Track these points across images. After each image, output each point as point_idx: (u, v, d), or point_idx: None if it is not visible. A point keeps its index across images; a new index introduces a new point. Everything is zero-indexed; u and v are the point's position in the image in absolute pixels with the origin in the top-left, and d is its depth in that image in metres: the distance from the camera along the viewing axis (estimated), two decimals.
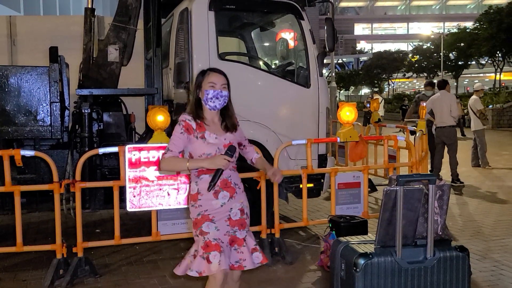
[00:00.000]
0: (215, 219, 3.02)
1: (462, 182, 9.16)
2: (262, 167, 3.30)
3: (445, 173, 9.40)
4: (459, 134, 11.67)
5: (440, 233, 3.14)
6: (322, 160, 6.12)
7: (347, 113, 5.64)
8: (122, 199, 4.81)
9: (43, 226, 6.49)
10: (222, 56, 5.73)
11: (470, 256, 3.11)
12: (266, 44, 7.39)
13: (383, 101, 21.65)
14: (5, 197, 5.09)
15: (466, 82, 58.20)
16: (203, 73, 3.15)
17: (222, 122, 3.14)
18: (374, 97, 20.52)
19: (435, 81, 10.87)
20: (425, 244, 2.99)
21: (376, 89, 46.88)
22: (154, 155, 4.74)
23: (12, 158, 4.58)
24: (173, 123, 5.67)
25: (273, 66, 6.77)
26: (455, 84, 44.38)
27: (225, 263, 2.96)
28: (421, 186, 2.99)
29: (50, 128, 5.28)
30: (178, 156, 3.02)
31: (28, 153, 4.73)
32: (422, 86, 10.86)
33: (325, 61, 6.45)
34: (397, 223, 2.90)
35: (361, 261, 2.88)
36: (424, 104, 8.04)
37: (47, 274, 4.54)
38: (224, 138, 3.08)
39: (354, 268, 2.89)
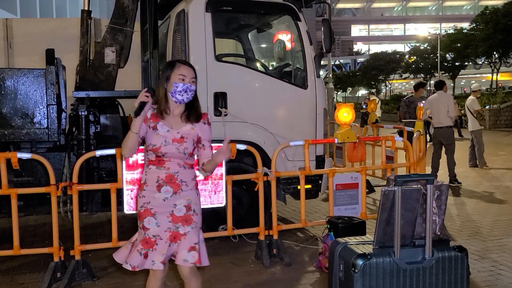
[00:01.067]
0: (157, 214, 3.02)
1: (460, 183, 9.17)
2: (214, 161, 3.11)
3: (443, 173, 9.41)
4: (456, 135, 11.69)
5: (439, 233, 3.14)
6: (320, 161, 6.11)
7: (345, 114, 5.64)
8: (120, 202, 4.79)
9: (41, 229, 6.46)
10: (219, 58, 5.73)
11: (468, 256, 3.11)
12: (263, 45, 7.39)
13: (379, 102, 21.67)
14: (2, 200, 5.07)
15: (463, 83, 58.32)
16: (171, 64, 3.09)
17: (183, 113, 3.06)
18: (371, 98, 20.56)
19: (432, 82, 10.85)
20: (424, 245, 2.98)
21: (373, 90, 46.98)
22: None
23: (8, 161, 4.56)
24: None
25: (270, 68, 6.77)
26: (452, 84, 44.44)
27: (159, 263, 2.97)
28: (419, 186, 2.98)
29: (47, 131, 5.26)
30: None
31: (25, 155, 4.71)
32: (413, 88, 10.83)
33: (322, 62, 6.45)
34: (395, 224, 2.89)
35: (360, 262, 2.87)
36: (422, 104, 8.05)
37: (45, 277, 4.52)
38: (178, 131, 3.02)
39: (353, 269, 2.88)
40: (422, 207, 3.02)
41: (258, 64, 6.71)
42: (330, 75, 19.05)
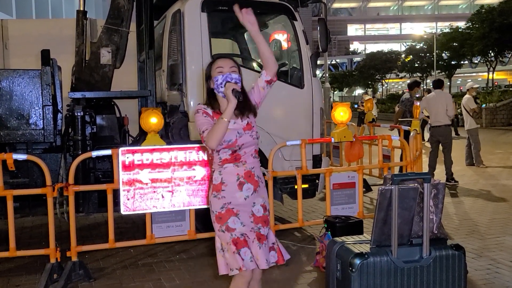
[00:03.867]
0: (240, 213, 2.93)
1: (457, 181, 9.18)
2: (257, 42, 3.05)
3: (440, 172, 9.42)
4: (453, 134, 11.71)
5: (436, 232, 3.13)
6: (316, 161, 6.11)
7: (341, 113, 5.64)
8: (116, 202, 4.78)
9: (37, 230, 6.44)
10: (215, 58, 5.70)
11: (466, 254, 3.11)
12: None
13: (376, 101, 21.71)
14: None
15: (459, 82, 58.44)
16: (210, 63, 3.08)
17: (236, 109, 2.89)
18: (366, 98, 20.61)
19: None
20: (421, 243, 2.97)
21: (370, 89, 47.00)
22: (148, 157, 4.71)
23: (4, 162, 4.54)
24: (166, 125, 5.68)
25: None
26: (449, 83, 44.55)
27: (254, 261, 2.90)
28: (416, 185, 2.98)
29: (42, 132, 5.24)
30: None
31: (21, 157, 4.69)
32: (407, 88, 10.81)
33: (318, 62, 6.44)
34: (392, 223, 2.88)
35: (357, 261, 2.87)
36: (418, 103, 8.05)
37: (41, 279, 4.50)
38: (242, 120, 2.95)
39: (350, 268, 2.87)
40: (419, 206, 3.01)
41: (254, 64, 6.70)
42: (327, 75, 19.07)
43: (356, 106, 21.83)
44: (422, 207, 2.99)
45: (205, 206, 4.93)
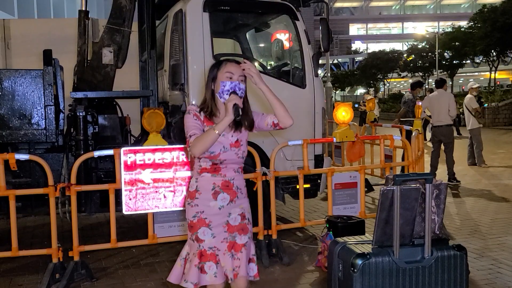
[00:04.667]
0: (212, 224, 2.82)
1: (459, 181, 9.17)
2: (269, 98, 2.87)
3: (442, 171, 9.41)
4: (455, 133, 11.70)
5: (438, 232, 3.13)
6: (318, 161, 6.11)
7: (343, 113, 5.63)
8: (118, 202, 4.78)
9: (39, 230, 6.45)
10: (217, 57, 5.70)
11: (467, 254, 3.11)
12: (261, 45, 7.38)
13: (377, 101, 21.69)
14: (0, 201, 5.05)
15: (461, 81, 58.36)
16: (218, 64, 2.89)
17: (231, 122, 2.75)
18: (368, 97, 20.59)
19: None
20: (423, 244, 2.98)
21: (371, 89, 46.92)
22: (150, 157, 4.71)
23: (6, 162, 4.55)
24: (169, 125, 5.68)
25: (268, 67, 6.76)
26: (450, 83, 44.48)
27: (221, 275, 2.80)
28: (418, 185, 2.98)
29: (44, 132, 5.25)
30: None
31: (23, 157, 4.69)
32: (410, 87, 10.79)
33: (320, 61, 6.44)
34: (394, 223, 2.89)
35: (359, 262, 2.87)
36: (420, 103, 8.05)
37: (43, 279, 4.51)
38: (232, 135, 2.83)
39: (352, 268, 2.88)
40: (421, 206, 3.01)
41: (256, 64, 6.70)
42: (329, 74, 19.06)
43: (356, 106, 21.78)
44: (424, 208, 2.99)
45: None
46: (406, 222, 2.92)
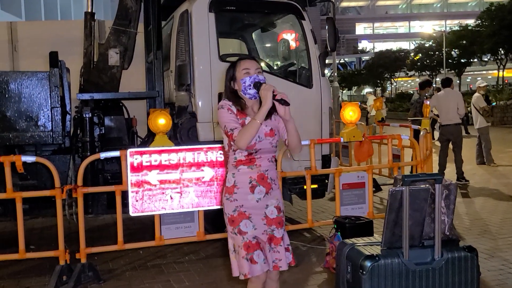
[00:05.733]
0: (252, 216, 2.94)
1: (467, 180, 9.09)
2: (287, 127, 2.97)
3: (450, 171, 9.34)
4: (463, 132, 11.62)
5: (448, 233, 3.09)
6: (326, 161, 6.07)
7: (350, 113, 5.59)
8: (125, 204, 4.77)
9: (46, 232, 6.45)
10: (223, 58, 5.69)
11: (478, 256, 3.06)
12: (268, 45, 7.35)
13: (384, 100, 21.62)
14: (7, 203, 5.06)
15: (469, 80, 58.06)
16: (233, 64, 3.01)
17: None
18: (369, 97, 20.59)
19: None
20: (433, 245, 2.93)
21: (378, 88, 46.73)
22: (156, 158, 4.70)
23: (13, 164, 4.54)
24: (175, 126, 5.67)
25: (274, 67, 6.73)
26: (458, 82, 44.25)
27: (269, 262, 2.93)
28: (427, 186, 2.93)
29: (51, 133, 5.25)
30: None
31: (29, 159, 4.70)
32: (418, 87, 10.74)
33: (327, 61, 6.40)
34: (403, 224, 2.85)
35: (368, 264, 2.83)
36: (428, 102, 7.99)
37: (51, 281, 4.50)
38: (266, 125, 2.92)
39: (361, 270, 2.84)
40: (431, 207, 2.97)
41: (262, 64, 6.67)
42: (335, 74, 18.99)
43: (360, 103, 21.70)
44: (433, 208, 2.95)
45: (214, 207, 4.92)
46: (415, 223, 2.88)
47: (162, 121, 4.92)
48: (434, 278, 2.89)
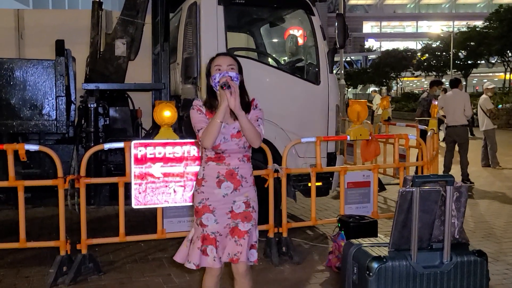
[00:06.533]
0: (216, 210, 2.97)
1: (472, 182, 9.03)
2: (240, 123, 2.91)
3: (455, 172, 9.27)
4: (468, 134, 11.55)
5: (457, 236, 3.03)
6: (331, 159, 6.02)
7: (357, 111, 5.52)
8: (128, 196, 4.72)
9: (48, 221, 6.42)
10: (230, 52, 5.63)
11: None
12: (276, 40, 7.28)
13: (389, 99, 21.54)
14: (9, 191, 5.02)
15: (475, 82, 57.82)
16: (211, 59, 3.07)
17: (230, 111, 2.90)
18: (375, 96, 20.46)
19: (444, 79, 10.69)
20: (442, 248, 2.88)
21: (384, 87, 46.53)
22: (161, 151, 4.65)
23: (16, 153, 4.50)
24: (180, 119, 5.61)
25: (282, 63, 6.66)
26: (464, 83, 44.06)
27: (219, 260, 2.97)
28: (438, 187, 2.87)
29: (55, 123, 5.20)
30: None
31: (33, 147, 4.65)
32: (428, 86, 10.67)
33: (334, 58, 6.33)
34: (412, 226, 2.79)
35: (375, 265, 2.78)
36: (436, 102, 7.92)
37: (51, 271, 4.46)
38: (233, 127, 2.95)
39: (367, 272, 2.78)
40: (441, 209, 2.91)
41: (270, 59, 6.61)
42: (342, 72, 18.89)
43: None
44: (443, 211, 2.89)
45: None
46: (424, 225, 2.82)
47: (167, 113, 4.86)
48: (442, 282, 2.83)
